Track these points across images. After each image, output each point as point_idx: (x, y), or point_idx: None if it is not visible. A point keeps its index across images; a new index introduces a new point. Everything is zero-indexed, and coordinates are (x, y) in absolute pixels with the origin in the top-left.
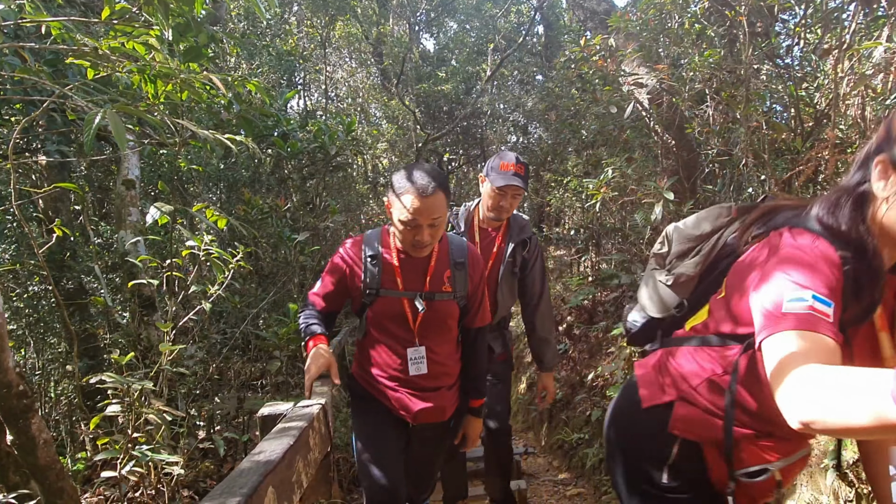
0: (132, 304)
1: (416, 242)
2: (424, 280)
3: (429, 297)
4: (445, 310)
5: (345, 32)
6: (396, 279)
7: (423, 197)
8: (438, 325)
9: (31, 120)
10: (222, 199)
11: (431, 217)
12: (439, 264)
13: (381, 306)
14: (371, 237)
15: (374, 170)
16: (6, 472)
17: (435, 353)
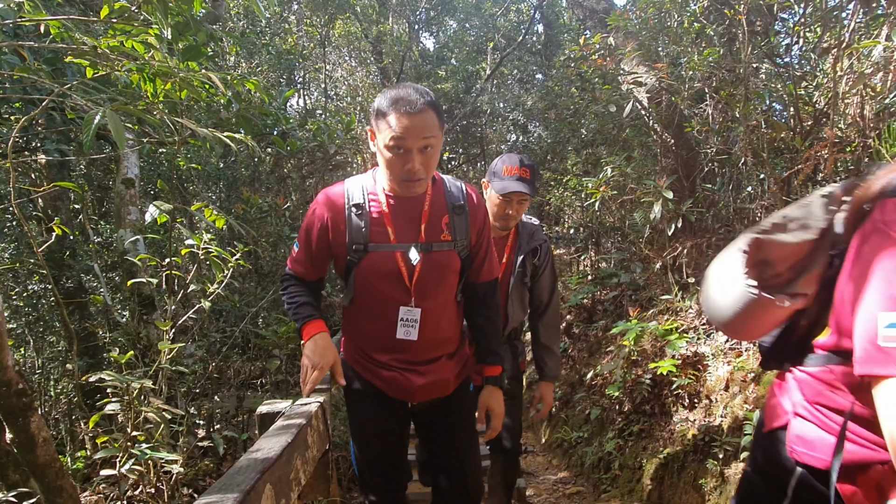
0: (131, 302)
1: (406, 174)
2: (419, 228)
3: (425, 248)
4: (445, 262)
5: (344, 31)
6: (387, 229)
7: (410, 114)
8: (437, 280)
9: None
10: (222, 197)
11: (422, 137)
12: (435, 208)
13: (371, 263)
14: (353, 184)
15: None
16: (6, 471)
17: (433, 316)
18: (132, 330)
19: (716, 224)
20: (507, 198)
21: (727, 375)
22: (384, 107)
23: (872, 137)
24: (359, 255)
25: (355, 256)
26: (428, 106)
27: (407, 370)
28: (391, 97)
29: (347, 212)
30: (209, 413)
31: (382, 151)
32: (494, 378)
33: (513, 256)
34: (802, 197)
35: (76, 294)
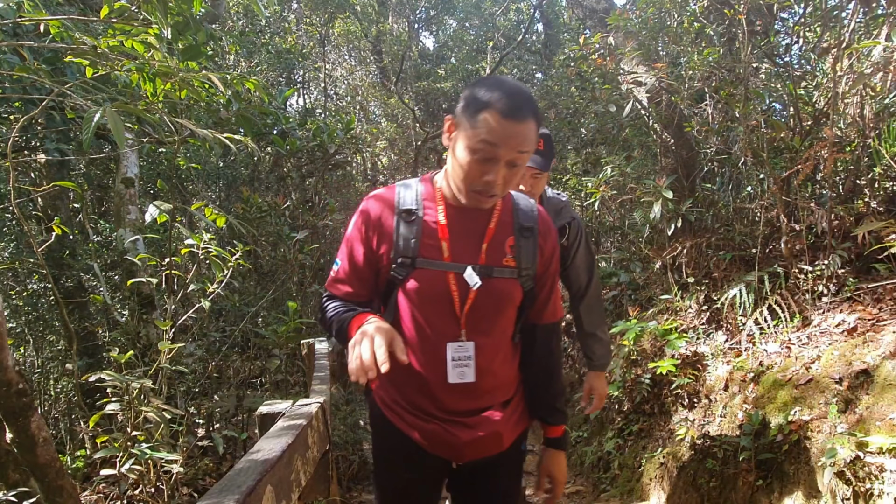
0: (131, 302)
1: (483, 185)
2: (480, 247)
3: (484, 272)
4: (505, 291)
5: (344, 30)
6: (441, 244)
7: (512, 120)
8: (495, 312)
9: (30, 118)
10: (221, 197)
11: (516, 150)
12: (501, 228)
13: (417, 283)
14: (406, 187)
15: (373, 168)
16: (6, 470)
17: (486, 355)
18: (132, 329)
19: (715, 224)
20: None
21: (727, 375)
22: (481, 101)
23: (872, 137)
24: (404, 272)
25: (400, 272)
26: (532, 116)
27: (452, 422)
28: (493, 93)
29: (397, 219)
30: (209, 412)
31: (461, 152)
32: (557, 440)
33: None
34: (802, 196)
35: (76, 293)
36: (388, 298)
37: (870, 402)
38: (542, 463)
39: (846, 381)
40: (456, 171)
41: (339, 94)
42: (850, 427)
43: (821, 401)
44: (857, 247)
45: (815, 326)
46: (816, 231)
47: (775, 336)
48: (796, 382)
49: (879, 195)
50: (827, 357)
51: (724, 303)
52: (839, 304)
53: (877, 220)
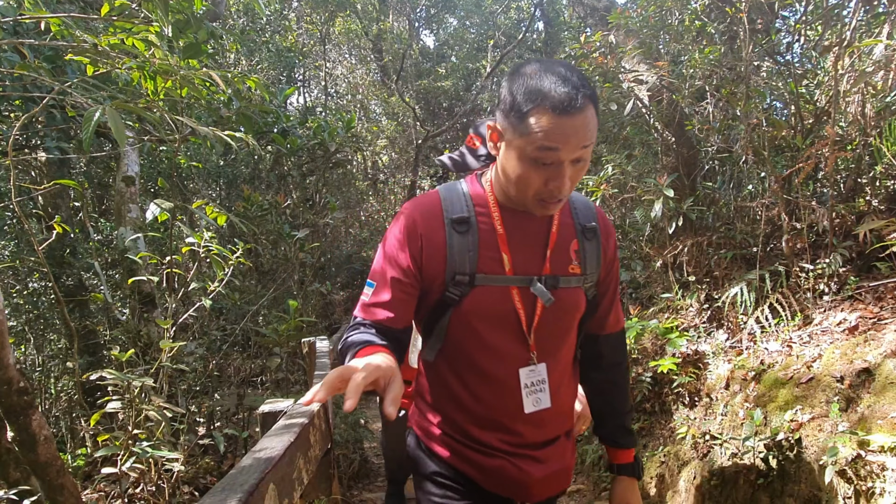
0: (132, 300)
1: (548, 193)
2: (544, 255)
3: (551, 282)
4: (573, 302)
5: (344, 29)
6: (502, 255)
7: (566, 116)
8: (562, 327)
9: (30, 116)
10: (222, 195)
11: (581, 145)
12: (563, 230)
13: (477, 302)
14: (451, 192)
15: (373, 166)
16: (7, 469)
17: (555, 379)
18: (133, 328)
19: (716, 222)
20: None
21: (728, 374)
22: (526, 101)
23: (873, 136)
24: (461, 291)
25: (456, 292)
26: (589, 101)
27: (522, 456)
28: (538, 88)
29: (448, 231)
30: (210, 411)
31: (515, 163)
32: (631, 466)
33: None
34: (803, 195)
35: (76, 292)
36: (436, 323)
37: (871, 401)
38: (616, 495)
39: (847, 380)
40: (512, 182)
41: (339, 92)
42: (851, 426)
43: (822, 399)
44: (859, 245)
45: (817, 325)
46: (817, 230)
47: (776, 335)
48: (797, 381)
49: (881, 194)
50: (828, 356)
51: (726, 301)
52: (840, 303)
53: (878, 218)
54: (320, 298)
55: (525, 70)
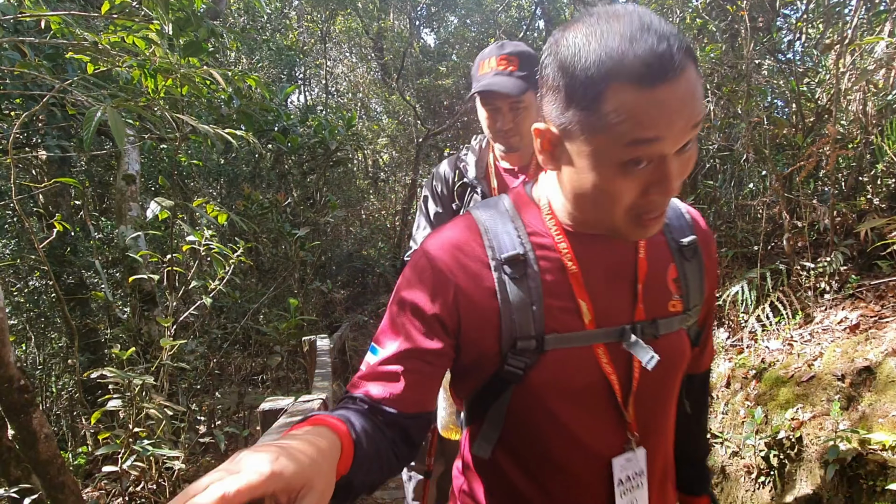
0: (133, 299)
1: (648, 207)
2: (634, 294)
3: (649, 331)
4: (678, 352)
5: (345, 27)
6: (578, 304)
7: (662, 84)
8: (667, 390)
9: (31, 115)
10: (222, 194)
11: (689, 127)
12: (655, 254)
13: (550, 375)
14: (497, 218)
15: (374, 165)
16: (8, 467)
17: (657, 460)
18: (133, 326)
19: (717, 221)
20: (488, 104)
21: (728, 372)
22: (594, 77)
23: (875, 134)
24: (526, 361)
25: (519, 363)
26: (688, 57)
27: None
28: (608, 53)
29: (498, 276)
30: (210, 409)
31: (592, 173)
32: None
33: None
34: (804, 193)
35: (77, 290)
36: (490, 407)
37: (872, 400)
38: None
39: (848, 379)
40: (590, 201)
41: (340, 90)
42: (852, 424)
43: (823, 398)
44: (860, 244)
45: (818, 323)
46: (819, 228)
47: (777, 333)
48: (798, 380)
49: (882, 192)
50: (829, 354)
51: (727, 300)
52: (841, 301)
53: (879, 216)
54: (321, 297)
55: (576, 32)
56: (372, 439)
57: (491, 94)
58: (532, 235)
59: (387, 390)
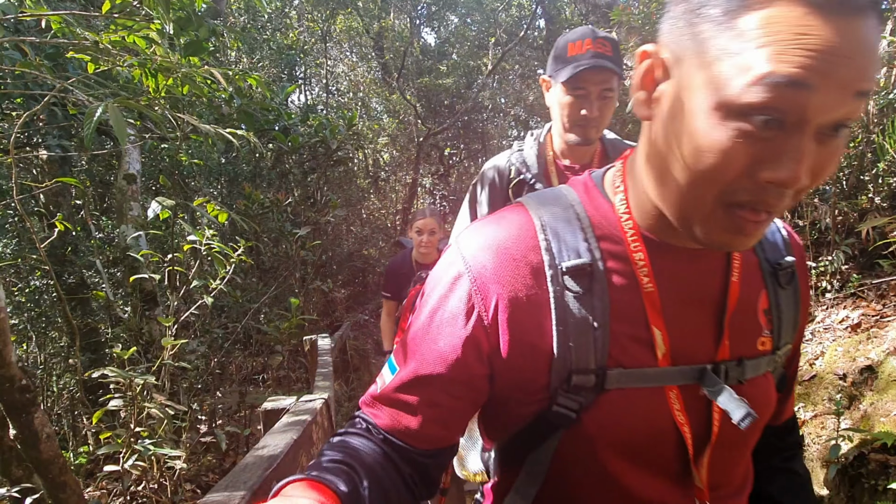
0: (134, 298)
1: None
2: (719, 324)
3: (735, 374)
4: (764, 400)
5: (345, 26)
6: (652, 334)
7: (838, 14)
8: (746, 446)
9: (31, 114)
10: (223, 193)
11: (853, 90)
12: (746, 276)
13: (609, 420)
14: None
15: (374, 164)
16: (9, 466)
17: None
18: (134, 326)
19: None
20: (579, 87)
21: None
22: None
23: (876, 133)
24: (580, 401)
25: (572, 403)
26: (875, 7)
27: None
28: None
29: (555, 289)
30: (211, 409)
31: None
32: None
33: None
34: None
35: (78, 290)
36: (530, 453)
37: (874, 399)
38: None
39: (850, 378)
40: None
41: (340, 90)
42: (854, 423)
43: (824, 397)
44: (861, 243)
45: (819, 323)
46: (820, 227)
47: None
48: (800, 379)
49: (883, 191)
50: (831, 353)
51: None
52: (843, 301)
53: (881, 215)
54: (322, 296)
55: None
56: (378, 482)
57: (597, 72)
58: (602, 240)
59: (400, 423)
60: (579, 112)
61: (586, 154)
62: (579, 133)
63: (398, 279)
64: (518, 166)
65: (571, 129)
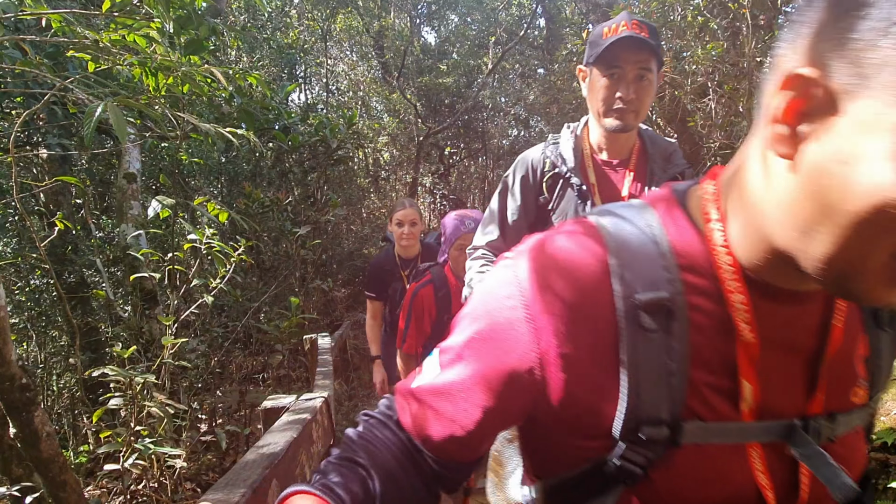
0: (134, 297)
1: None
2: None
3: (828, 430)
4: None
5: (346, 25)
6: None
7: None
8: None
9: (31, 113)
10: (223, 192)
11: None
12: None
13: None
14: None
15: (375, 163)
16: (10, 465)
17: None
18: (134, 325)
19: None
20: (613, 67)
21: None
22: None
23: None
24: (648, 457)
25: (639, 458)
26: None
27: None
28: None
29: (627, 325)
30: (211, 408)
31: (868, 162)
32: None
33: (642, 184)
34: None
35: (78, 289)
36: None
37: None
38: None
39: None
40: (837, 226)
41: (340, 89)
42: None
43: None
44: None
45: None
46: None
47: None
48: None
49: None
50: None
51: None
52: None
53: None
54: (322, 295)
55: None
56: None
57: (633, 50)
58: (686, 272)
59: (422, 429)
60: (614, 94)
61: (624, 148)
62: (617, 117)
63: (382, 276)
64: (553, 159)
65: (607, 114)
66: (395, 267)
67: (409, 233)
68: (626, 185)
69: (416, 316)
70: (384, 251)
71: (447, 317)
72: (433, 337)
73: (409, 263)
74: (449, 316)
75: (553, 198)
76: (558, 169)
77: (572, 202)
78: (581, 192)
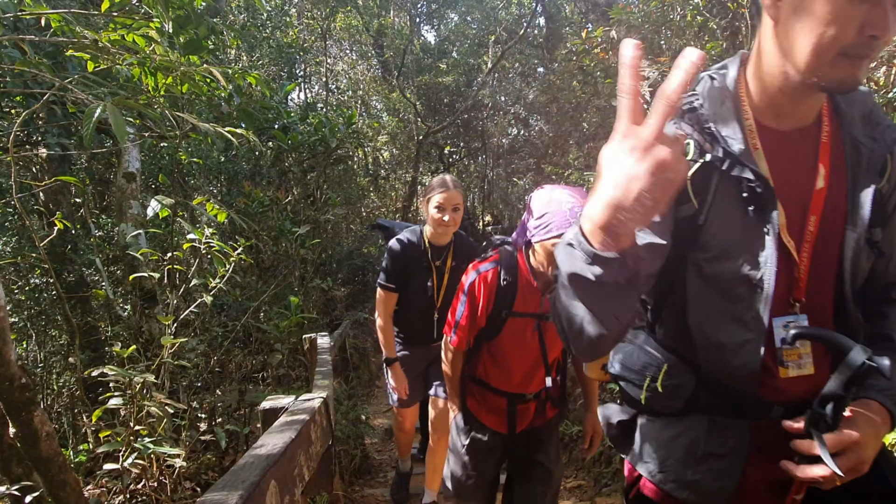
0: (133, 297)
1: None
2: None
3: None
4: None
5: (345, 24)
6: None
7: None
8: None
9: (31, 113)
10: (223, 191)
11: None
12: None
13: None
14: None
15: (374, 162)
16: (9, 465)
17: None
18: (134, 324)
19: None
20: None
21: None
22: None
23: None
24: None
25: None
26: None
27: None
28: None
29: None
30: (211, 407)
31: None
32: None
33: None
34: None
35: (78, 288)
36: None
37: None
38: None
39: None
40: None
41: (340, 88)
42: None
43: None
44: None
45: None
46: None
47: None
48: None
49: None
50: None
51: None
52: None
53: None
54: (321, 295)
55: None
56: None
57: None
58: None
59: None
60: (863, 32)
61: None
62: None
63: (408, 266)
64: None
65: (838, 62)
66: (422, 255)
67: (452, 219)
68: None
69: (470, 301)
70: (409, 235)
71: (506, 313)
72: (487, 332)
73: (441, 252)
74: (509, 312)
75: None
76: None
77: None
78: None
